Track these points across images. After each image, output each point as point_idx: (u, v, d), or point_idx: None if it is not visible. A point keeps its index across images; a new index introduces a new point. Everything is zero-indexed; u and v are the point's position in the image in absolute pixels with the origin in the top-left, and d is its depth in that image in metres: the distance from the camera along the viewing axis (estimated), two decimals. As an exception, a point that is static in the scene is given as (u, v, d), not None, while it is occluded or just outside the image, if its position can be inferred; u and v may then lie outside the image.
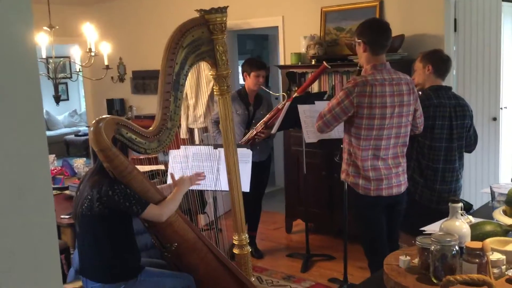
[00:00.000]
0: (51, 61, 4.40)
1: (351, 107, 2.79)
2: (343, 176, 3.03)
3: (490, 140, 4.71)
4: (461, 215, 1.66)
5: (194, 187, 3.43)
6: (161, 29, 6.26)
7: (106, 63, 4.24)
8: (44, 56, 4.29)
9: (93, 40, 4.10)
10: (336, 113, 2.84)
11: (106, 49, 4.28)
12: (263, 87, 4.36)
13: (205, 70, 5.18)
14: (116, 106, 7.36)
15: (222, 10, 2.55)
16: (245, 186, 3.27)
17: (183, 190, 2.71)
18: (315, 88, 4.75)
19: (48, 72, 4.45)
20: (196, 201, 3.63)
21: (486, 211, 2.48)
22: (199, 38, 2.52)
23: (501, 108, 5.00)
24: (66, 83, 11.03)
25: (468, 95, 4.06)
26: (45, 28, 4.32)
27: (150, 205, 2.45)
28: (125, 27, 7.00)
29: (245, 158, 3.36)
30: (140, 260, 2.60)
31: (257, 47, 8.47)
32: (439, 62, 3.29)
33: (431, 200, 3.26)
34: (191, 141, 5.38)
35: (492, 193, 2.45)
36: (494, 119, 4.81)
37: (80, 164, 4.35)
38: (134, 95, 7.22)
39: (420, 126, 3.06)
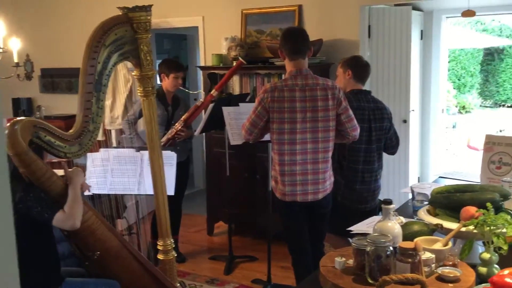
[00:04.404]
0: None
1: (264, 112, 2.94)
2: None
3: (401, 142, 4.95)
4: (393, 215, 1.72)
5: (117, 192, 3.30)
6: (74, 26, 5.96)
7: (16, 60, 3.95)
8: None
9: (1, 35, 3.80)
10: (253, 121, 2.98)
11: (16, 45, 3.99)
12: (181, 87, 4.29)
13: (122, 69, 4.99)
14: (22, 106, 6.89)
15: (147, 9, 2.46)
16: (170, 189, 3.18)
17: (76, 184, 2.38)
18: (236, 90, 4.75)
19: None
20: (115, 205, 3.48)
21: (406, 210, 2.60)
22: (122, 37, 2.43)
23: (410, 111, 5.30)
24: (-37, 80, 10.18)
25: (381, 99, 4.23)
26: None
27: (59, 211, 2.27)
28: (32, 22, 6.57)
29: (169, 160, 3.28)
30: (60, 270, 2.45)
31: (174, 46, 8.33)
32: (358, 67, 3.42)
33: (352, 200, 3.37)
34: (108, 143, 5.17)
35: (412, 192, 2.57)
36: (405, 121, 5.09)
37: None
38: (43, 94, 6.81)
39: (351, 131, 2.99)
